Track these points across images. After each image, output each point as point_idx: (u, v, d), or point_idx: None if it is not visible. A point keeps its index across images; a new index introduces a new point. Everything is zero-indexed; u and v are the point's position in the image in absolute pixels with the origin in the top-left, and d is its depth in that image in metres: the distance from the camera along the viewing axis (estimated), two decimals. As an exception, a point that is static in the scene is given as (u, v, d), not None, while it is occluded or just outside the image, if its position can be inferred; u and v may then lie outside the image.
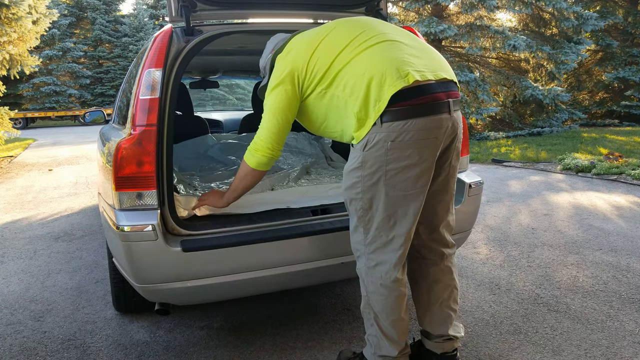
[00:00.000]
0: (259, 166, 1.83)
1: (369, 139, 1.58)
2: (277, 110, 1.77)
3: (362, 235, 1.70)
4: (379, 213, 1.64)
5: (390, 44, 1.65)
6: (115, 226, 1.82)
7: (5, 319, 2.59)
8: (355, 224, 1.71)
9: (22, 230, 4.32)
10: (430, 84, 1.59)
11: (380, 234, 1.66)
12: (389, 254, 1.67)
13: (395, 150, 1.56)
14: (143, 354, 2.20)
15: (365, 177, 1.62)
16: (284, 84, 1.74)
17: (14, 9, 8.56)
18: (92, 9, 26.58)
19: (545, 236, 3.69)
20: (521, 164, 7.17)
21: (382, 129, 1.56)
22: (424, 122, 1.56)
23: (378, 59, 1.59)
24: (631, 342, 2.17)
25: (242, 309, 2.59)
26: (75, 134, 16.45)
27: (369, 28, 1.72)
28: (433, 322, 1.89)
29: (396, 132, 1.55)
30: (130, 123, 1.90)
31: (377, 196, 1.63)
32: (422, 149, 1.58)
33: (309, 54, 1.72)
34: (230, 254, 1.87)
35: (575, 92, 14.36)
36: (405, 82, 1.54)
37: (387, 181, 1.60)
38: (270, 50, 1.95)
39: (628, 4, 14.19)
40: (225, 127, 5.58)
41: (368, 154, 1.59)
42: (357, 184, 1.65)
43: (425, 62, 1.64)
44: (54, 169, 8.19)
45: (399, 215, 1.64)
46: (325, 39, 1.73)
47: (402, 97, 1.54)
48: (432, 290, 1.88)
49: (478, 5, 10.41)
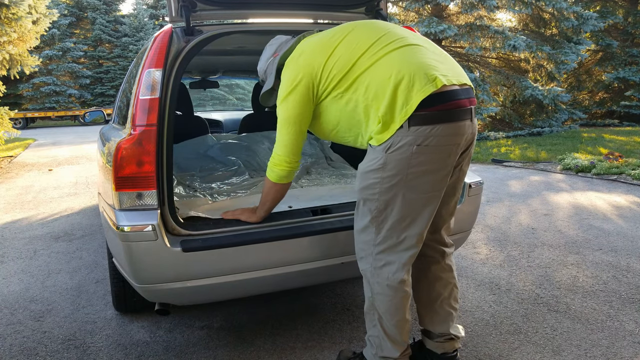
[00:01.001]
0: (280, 180, 1.83)
1: (394, 142, 1.57)
2: (291, 121, 1.73)
3: (372, 235, 1.69)
4: (393, 214, 1.64)
5: (414, 47, 1.64)
6: (115, 226, 1.82)
7: (5, 319, 2.59)
8: (366, 224, 1.69)
9: (22, 230, 4.32)
10: (455, 89, 1.59)
11: (392, 235, 1.66)
12: (398, 255, 1.67)
13: (419, 155, 1.56)
14: (143, 354, 2.20)
15: (385, 179, 1.61)
16: (298, 91, 1.70)
17: (14, 9, 8.56)
18: (92, 9, 26.58)
19: (545, 236, 3.69)
20: (521, 164, 7.17)
21: (409, 132, 1.55)
22: (449, 128, 1.57)
23: (404, 63, 1.58)
24: (631, 342, 2.17)
25: (242, 309, 2.59)
26: (75, 134, 16.44)
27: (389, 32, 1.70)
28: (434, 320, 1.89)
29: (423, 136, 1.55)
30: (130, 123, 1.90)
31: (394, 198, 1.62)
32: (445, 154, 1.60)
33: (326, 57, 1.68)
34: (230, 254, 1.87)
35: (575, 92, 14.37)
36: (434, 86, 1.54)
37: (406, 184, 1.60)
38: (271, 54, 1.92)
39: (628, 4, 14.19)
40: (225, 127, 5.59)
41: (391, 156, 1.58)
42: (375, 185, 1.63)
43: (447, 67, 1.64)
44: (54, 169, 8.18)
45: (414, 218, 1.65)
46: (343, 42, 1.69)
47: (430, 102, 1.53)
48: (433, 288, 1.89)
49: (478, 5, 10.41)
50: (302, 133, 1.78)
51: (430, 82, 1.54)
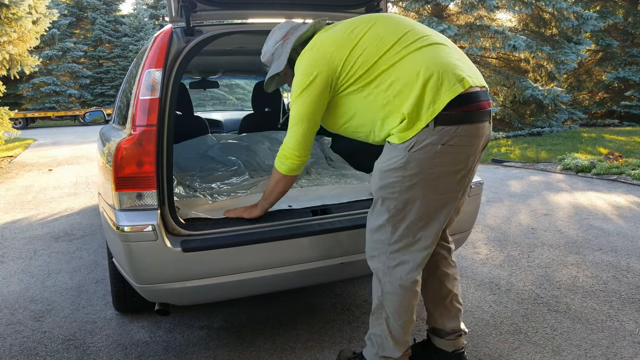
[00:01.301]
0: (290, 172, 1.81)
1: (418, 140, 1.56)
2: (306, 115, 1.70)
3: (387, 234, 1.67)
4: (412, 214, 1.63)
5: (439, 47, 1.64)
6: (115, 226, 1.82)
7: (5, 319, 2.59)
8: (382, 223, 1.67)
9: (22, 230, 4.32)
10: (478, 91, 1.61)
11: (408, 234, 1.65)
12: (412, 254, 1.67)
13: (442, 154, 1.56)
14: (143, 354, 2.20)
15: (406, 178, 1.59)
16: (315, 85, 1.65)
17: (14, 9, 8.56)
18: (92, 9, 26.57)
19: (545, 236, 3.69)
20: (521, 164, 7.17)
21: (434, 132, 1.54)
22: (471, 129, 1.58)
23: (432, 61, 1.57)
24: (631, 342, 2.17)
25: (242, 309, 2.59)
26: (75, 134, 16.45)
27: (413, 28, 1.68)
28: (445, 317, 1.91)
29: (447, 136, 1.55)
30: (130, 123, 1.90)
31: (414, 197, 1.61)
32: (465, 155, 1.60)
33: (348, 50, 1.64)
34: (230, 254, 1.87)
35: (575, 92, 14.36)
36: (463, 87, 1.54)
37: (427, 184, 1.59)
38: (281, 37, 1.86)
39: (628, 4, 14.19)
40: (225, 127, 5.59)
41: (414, 155, 1.57)
42: (395, 184, 1.62)
43: (469, 67, 1.65)
44: (54, 169, 8.19)
45: (431, 218, 1.65)
46: (366, 35, 1.65)
47: (456, 102, 1.54)
48: (443, 285, 1.90)
49: (478, 5, 10.42)
50: (316, 125, 1.74)
51: (459, 82, 1.54)
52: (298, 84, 1.69)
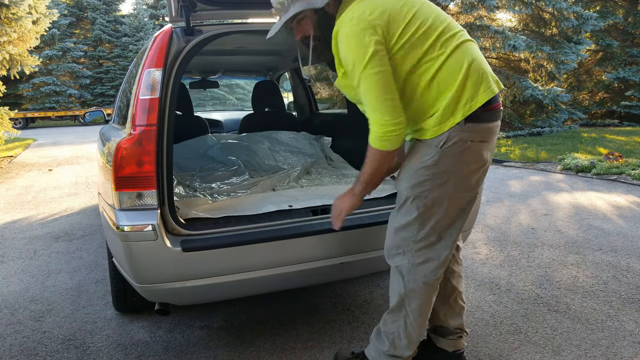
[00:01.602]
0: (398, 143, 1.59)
1: (449, 137, 1.57)
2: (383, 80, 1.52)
3: (414, 232, 1.66)
4: (441, 211, 1.64)
5: (474, 45, 1.67)
6: (115, 226, 1.82)
7: (5, 319, 2.59)
8: (410, 221, 1.66)
9: (22, 230, 4.32)
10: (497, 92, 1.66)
11: (434, 232, 1.66)
12: (438, 252, 1.68)
13: (470, 151, 1.59)
14: (143, 354, 2.20)
15: (437, 175, 1.60)
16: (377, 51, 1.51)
17: (14, 9, 8.56)
18: (92, 9, 26.58)
19: (545, 236, 3.69)
20: (521, 164, 7.17)
21: (465, 128, 1.56)
22: (491, 127, 1.64)
23: (473, 59, 1.60)
24: (631, 342, 2.17)
25: (242, 309, 2.59)
26: (75, 134, 16.45)
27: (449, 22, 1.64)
28: (449, 314, 1.91)
29: (475, 133, 1.58)
30: (130, 123, 1.90)
31: (443, 195, 1.62)
32: (486, 151, 1.65)
33: (403, 23, 1.55)
34: (230, 254, 1.87)
35: (575, 92, 14.36)
36: (498, 88, 1.63)
37: (457, 181, 1.61)
38: None
39: (628, 4, 14.19)
40: (225, 127, 5.59)
41: (445, 152, 1.58)
42: (426, 182, 1.62)
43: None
44: (54, 169, 8.19)
45: (457, 214, 1.67)
46: (416, 15, 1.57)
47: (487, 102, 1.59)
48: (449, 282, 1.91)
49: (478, 5, 10.42)
50: (395, 90, 1.56)
51: (495, 84, 1.62)
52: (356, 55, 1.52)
